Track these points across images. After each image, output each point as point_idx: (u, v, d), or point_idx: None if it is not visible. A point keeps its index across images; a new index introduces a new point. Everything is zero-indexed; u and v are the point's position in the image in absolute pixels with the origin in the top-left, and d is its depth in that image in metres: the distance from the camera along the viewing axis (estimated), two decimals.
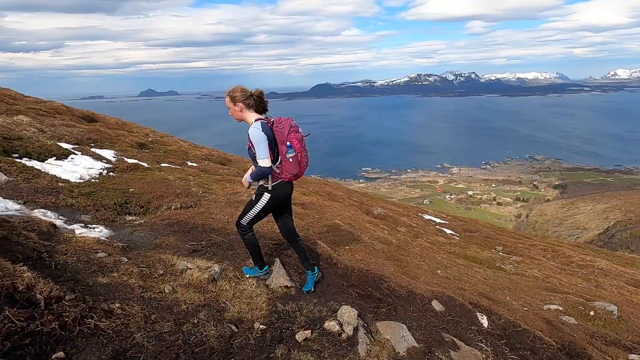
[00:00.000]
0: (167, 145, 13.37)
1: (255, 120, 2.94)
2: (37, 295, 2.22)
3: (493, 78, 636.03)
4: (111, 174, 6.44)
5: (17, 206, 3.94)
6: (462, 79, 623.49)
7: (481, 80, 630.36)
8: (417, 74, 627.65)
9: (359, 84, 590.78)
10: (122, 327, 2.33)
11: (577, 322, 4.89)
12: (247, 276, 3.34)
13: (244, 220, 3.16)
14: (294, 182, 3.12)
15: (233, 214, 4.85)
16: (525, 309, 4.76)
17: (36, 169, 5.39)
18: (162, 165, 8.60)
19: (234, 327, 2.72)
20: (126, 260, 3.26)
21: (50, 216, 3.95)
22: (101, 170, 6.44)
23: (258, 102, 3.00)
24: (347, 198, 13.30)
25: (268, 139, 2.86)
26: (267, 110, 3.06)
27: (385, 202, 19.99)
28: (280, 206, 3.18)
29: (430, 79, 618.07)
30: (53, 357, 1.95)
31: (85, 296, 2.46)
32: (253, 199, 3.14)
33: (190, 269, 3.23)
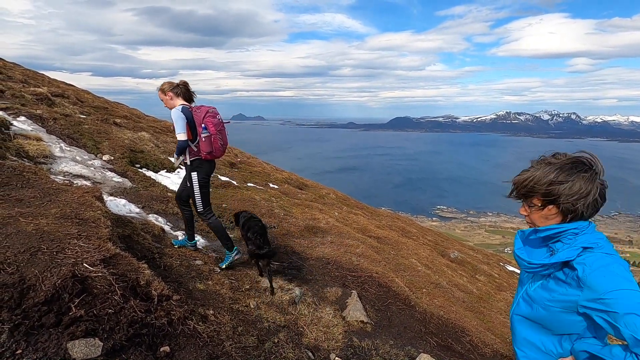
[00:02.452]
0: (252, 166, 14.47)
1: (179, 105, 3.40)
2: (153, 291, 2.55)
3: (599, 120, 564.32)
4: None
5: (137, 210, 4.62)
6: (560, 119, 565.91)
7: (583, 122, 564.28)
8: (506, 112, 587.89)
9: (440, 119, 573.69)
10: (214, 334, 2.54)
11: None
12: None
13: (199, 207, 3.56)
14: (215, 160, 3.56)
15: (312, 239, 5.00)
16: None
17: (152, 178, 6.27)
18: (248, 184, 9.31)
19: (310, 354, 2.76)
20: (218, 270, 3.57)
21: (160, 221, 4.54)
22: None
23: (184, 91, 3.48)
24: (420, 236, 12.73)
25: (187, 120, 3.34)
26: (193, 100, 3.56)
27: (461, 245, 18.59)
28: (207, 181, 3.61)
29: (520, 117, 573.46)
30: (161, 349, 2.20)
31: (187, 299, 2.75)
32: (187, 184, 3.56)
33: (273, 288, 3.40)
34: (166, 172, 7.20)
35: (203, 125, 3.34)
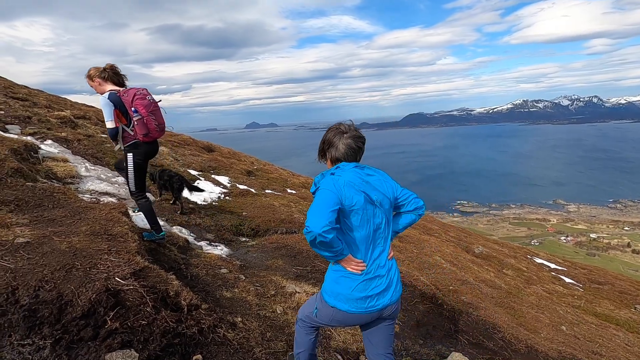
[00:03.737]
0: (269, 173, 14.60)
1: (108, 91, 3.32)
2: (182, 301, 2.61)
3: (623, 101, 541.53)
4: (227, 198, 7.29)
5: (161, 222, 4.73)
6: (581, 103, 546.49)
7: (606, 104, 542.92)
8: (523, 100, 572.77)
9: (455, 113, 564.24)
10: (244, 340, 2.57)
11: None
12: (145, 239, 3.58)
13: (132, 187, 3.54)
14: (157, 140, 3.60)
15: None
16: None
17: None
18: (267, 191, 9.40)
19: (340, 357, 2.76)
20: (243, 278, 3.62)
21: (184, 233, 4.64)
22: (219, 195, 7.35)
23: (112, 75, 3.39)
24: (443, 233, 12.52)
25: (117, 106, 3.28)
26: (124, 84, 3.47)
27: (485, 239, 18.17)
28: (143, 163, 3.59)
29: (539, 105, 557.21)
30: (193, 358, 2.25)
31: (216, 307, 2.80)
32: (124, 164, 3.54)
33: (299, 292, 3.42)
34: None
35: (133, 108, 3.29)
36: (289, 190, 10.96)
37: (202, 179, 8.36)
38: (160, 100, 3.57)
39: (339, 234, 1.81)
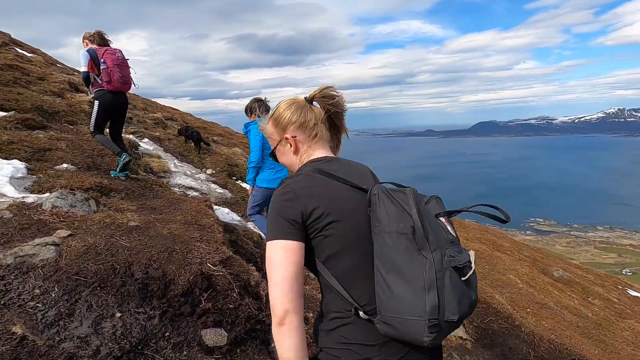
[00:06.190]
0: None
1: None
2: (261, 291, 2.81)
3: None
4: None
5: (238, 218, 5.11)
6: None
7: None
8: (618, 109, 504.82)
9: (532, 121, 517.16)
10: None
11: None
12: (113, 176, 4.19)
13: (91, 128, 4.23)
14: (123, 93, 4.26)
15: None
16: None
17: (247, 189, 6.88)
18: None
19: None
20: (311, 276, 3.76)
21: (257, 229, 4.94)
22: None
23: (99, 39, 4.13)
24: (515, 251, 11.57)
25: (92, 58, 4.01)
26: (109, 45, 4.17)
27: (565, 263, 16.33)
28: (114, 115, 4.32)
29: (638, 114, 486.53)
30: (272, 345, 2.42)
31: None
32: (92, 111, 4.21)
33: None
34: None
35: (102, 60, 3.99)
36: None
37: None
38: (128, 59, 4.26)
39: None
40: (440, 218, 1.03)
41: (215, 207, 5.19)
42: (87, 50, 4.09)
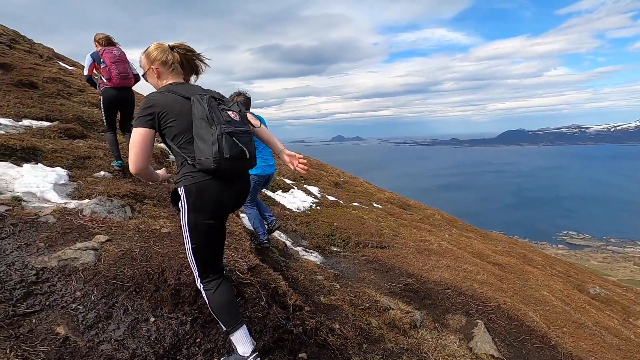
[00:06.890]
0: (355, 186, 14.76)
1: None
2: (288, 301, 2.82)
3: None
4: (318, 207, 7.61)
5: None
6: None
7: None
8: None
9: (564, 130, 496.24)
10: (342, 347, 2.66)
11: None
12: (116, 168, 4.43)
13: (104, 124, 4.53)
14: (123, 88, 4.40)
15: (426, 262, 4.84)
16: None
17: (271, 198, 6.97)
18: (354, 204, 9.53)
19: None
20: (338, 286, 3.74)
21: (283, 237, 4.98)
22: (311, 204, 7.71)
23: (106, 41, 4.38)
24: (547, 266, 11.05)
25: (94, 60, 4.29)
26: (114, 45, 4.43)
27: (602, 280, 15.42)
28: (118, 109, 4.54)
29: None
30: (299, 355, 2.41)
31: (316, 311, 2.96)
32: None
33: (393, 309, 3.39)
34: (282, 192, 7.90)
35: (102, 59, 4.26)
36: (375, 205, 10.93)
37: (295, 187, 8.87)
38: (123, 53, 4.45)
39: None
40: (228, 112, 1.75)
41: (242, 215, 5.28)
42: (91, 55, 4.42)
